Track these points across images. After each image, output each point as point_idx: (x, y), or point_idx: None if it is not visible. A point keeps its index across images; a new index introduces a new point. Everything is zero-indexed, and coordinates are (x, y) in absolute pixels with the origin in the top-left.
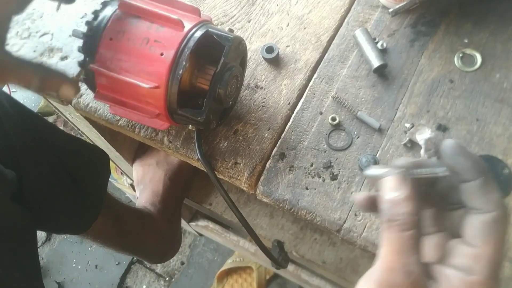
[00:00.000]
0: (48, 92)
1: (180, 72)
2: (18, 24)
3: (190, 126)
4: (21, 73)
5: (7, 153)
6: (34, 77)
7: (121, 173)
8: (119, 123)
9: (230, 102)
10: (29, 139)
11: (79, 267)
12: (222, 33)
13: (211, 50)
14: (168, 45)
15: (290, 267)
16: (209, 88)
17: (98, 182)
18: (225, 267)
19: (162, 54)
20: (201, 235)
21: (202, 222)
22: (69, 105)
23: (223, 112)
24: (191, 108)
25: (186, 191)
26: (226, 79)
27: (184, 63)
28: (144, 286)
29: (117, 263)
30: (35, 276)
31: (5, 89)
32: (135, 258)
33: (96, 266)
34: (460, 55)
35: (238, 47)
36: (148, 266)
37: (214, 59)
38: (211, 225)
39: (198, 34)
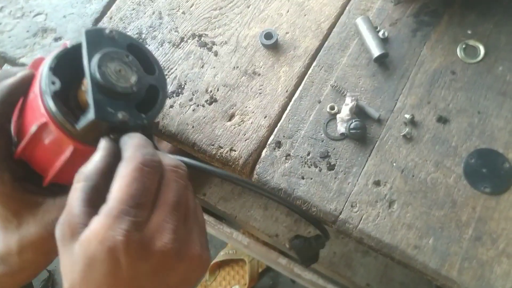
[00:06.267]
0: None
1: (51, 88)
2: (12, 3)
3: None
4: None
5: None
6: None
7: None
8: None
9: (132, 86)
10: None
11: None
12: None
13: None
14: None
15: (283, 260)
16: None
17: None
18: (218, 259)
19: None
20: None
21: None
22: None
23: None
24: None
25: None
26: (96, 64)
27: (47, 81)
28: None
29: None
30: None
31: None
32: None
33: None
34: (463, 46)
35: (101, 38)
36: None
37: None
38: (204, 216)
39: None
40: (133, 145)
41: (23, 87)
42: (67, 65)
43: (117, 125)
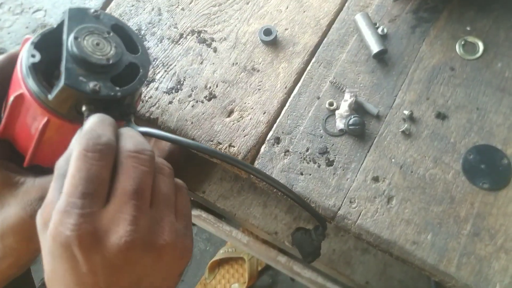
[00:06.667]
0: None
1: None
2: None
3: (84, 109)
4: None
5: None
6: None
7: None
8: None
9: (108, 59)
10: None
11: None
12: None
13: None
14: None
15: (282, 258)
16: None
17: None
18: (217, 257)
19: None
20: (193, 224)
21: (195, 212)
22: None
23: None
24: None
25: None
26: (73, 35)
27: (27, 54)
28: None
29: None
30: None
31: None
32: None
33: None
34: (462, 42)
35: (85, 16)
36: None
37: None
38: (203, 214)
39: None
40: (83, 130)
41: (10, 66)
42: (54, 45)
43: (89, 95)
